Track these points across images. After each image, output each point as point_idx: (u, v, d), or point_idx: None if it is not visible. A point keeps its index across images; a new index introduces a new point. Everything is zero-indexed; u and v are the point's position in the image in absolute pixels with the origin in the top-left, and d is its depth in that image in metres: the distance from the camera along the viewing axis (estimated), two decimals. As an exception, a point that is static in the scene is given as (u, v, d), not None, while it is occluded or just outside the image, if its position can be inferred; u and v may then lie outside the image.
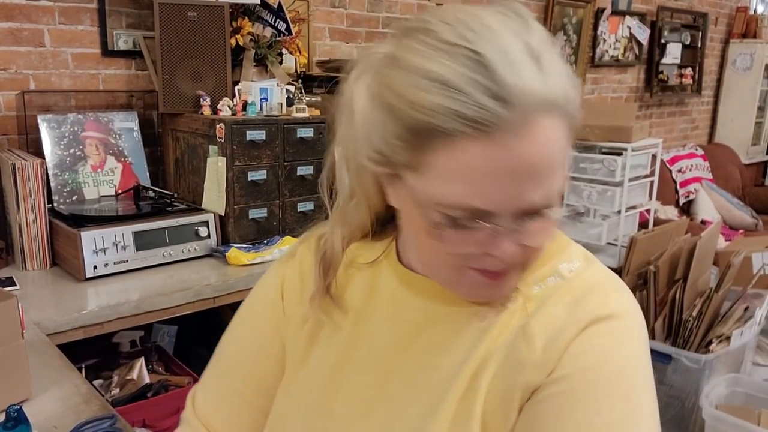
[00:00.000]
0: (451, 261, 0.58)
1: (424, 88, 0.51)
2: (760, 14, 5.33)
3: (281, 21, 2.23)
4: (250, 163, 1.95)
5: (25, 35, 1.96)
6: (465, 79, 0.50)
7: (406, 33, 0.56)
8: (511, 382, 0.59)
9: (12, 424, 0.94)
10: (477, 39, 0.51)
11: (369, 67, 0.59)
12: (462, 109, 0.50)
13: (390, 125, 0.55)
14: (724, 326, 2.40)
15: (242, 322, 0.83)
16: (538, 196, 0.53)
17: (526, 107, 0.50)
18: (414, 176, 0.55)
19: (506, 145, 0.50)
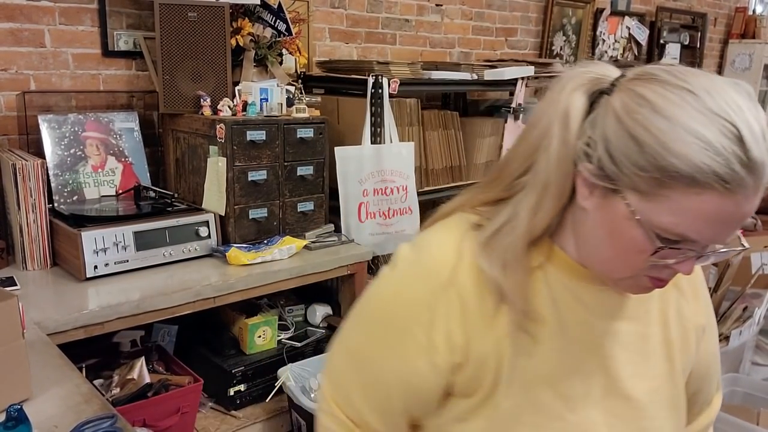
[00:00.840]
0: (636, 267, 0.71)
1: (685, 142, 0.63)
2: (759, 14, 5.33)
3: (281, 21, 2.23)
4: (251, 163, 1.96)
5: (25, 35, 1.96)
6: (726, 146, 0.62)
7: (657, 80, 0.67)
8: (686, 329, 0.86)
9: (12, 423, 0.95)
10: (732, 114, 0.63)
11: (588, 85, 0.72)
12: (718, 170, 0.62)
13: (632, 154, 0.66)
14: (723, 326, 2.40)
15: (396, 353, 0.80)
16: (730, 237, 0.68)
17: (762, 177, 0.64)
18: (641, 200, 0.67)
19: (738, 202, 0.64)
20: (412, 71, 2.48)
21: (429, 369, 0.78)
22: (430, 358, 0.77)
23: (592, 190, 0.71)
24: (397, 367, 0.79)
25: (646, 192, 0.66)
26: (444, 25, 3.18)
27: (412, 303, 0.78)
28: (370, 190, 2.30)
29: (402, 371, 0.79)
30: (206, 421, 1.93)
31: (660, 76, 0.67)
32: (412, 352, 0.78)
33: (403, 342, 0.78)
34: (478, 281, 0.76)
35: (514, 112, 2.85)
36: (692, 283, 0.89)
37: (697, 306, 0.89)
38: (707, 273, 2.64)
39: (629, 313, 0.82)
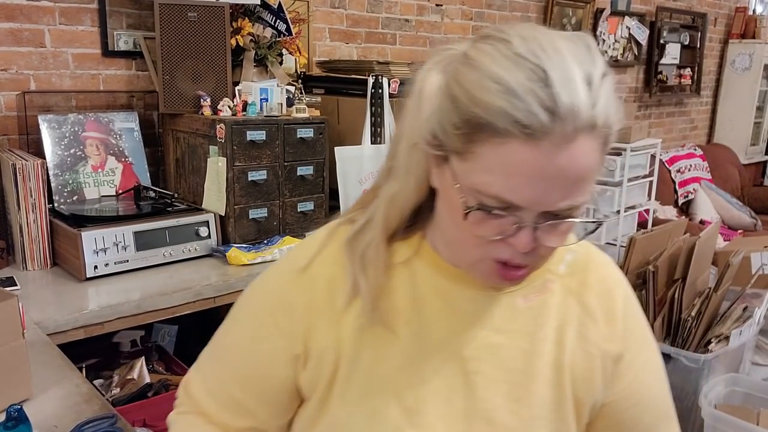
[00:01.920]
0: (475, 245, 0.64)
1: (487, 88, 0.58)
2: (759, 14, 5.33)
3: (281, 21, 2.23)
4: (251, 163, 1.96)
5: (25, 35, 1.96)
6: (525, 88, 0.56)
7: (484, 38, 0.62)
8: (589, 354, 0.74)
9: (12, 423, 0.95)
10: (545, 57, 0.57)
11: (443, 60, 0.67)
12: (517, 114, 0.56)
13: (451, 114, 0.61)
14: (723, 326, 2.40)
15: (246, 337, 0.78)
16: (563, 203, 0.60)
17: (573, 124, 0.56)
18: (460, 162, 0.61)
19: (548, 153, 0.56)
20: (412, 71, 2.49)
21: (274, 356, 0.74)
22: (275, 344, 0.74)
23: (436, 165, 0.66)
24: (249, 353, 0.76)
25: (461, 151, 0.61)
26: (444, 25, 3.18)
27: (268, 290, 0.78)
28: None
29: (253, 357, 0.76)
30: (206, 421, 1.93)
31: (486, 33, 0.62)
32: (261, 337, 0.75)
33: (256, 327, 0.76)
34: (333, 273, 0.72)
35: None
36: (606, 304, 0.76)
37: (609, 331, 0.75)
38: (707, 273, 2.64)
39: (512, 325, 0.72)
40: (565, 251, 0.76)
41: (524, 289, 0.74)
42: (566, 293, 0.76)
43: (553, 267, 0.76)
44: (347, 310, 0.71)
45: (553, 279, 0.76)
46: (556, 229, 0.63)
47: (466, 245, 0.66)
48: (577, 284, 0.76)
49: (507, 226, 0.61)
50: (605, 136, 0.59)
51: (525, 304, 0.74)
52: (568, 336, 0.74)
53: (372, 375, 0.70)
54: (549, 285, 0.75)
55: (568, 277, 0.76)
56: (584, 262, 0.78)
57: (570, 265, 0.77)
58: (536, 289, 0.75)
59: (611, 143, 0.62)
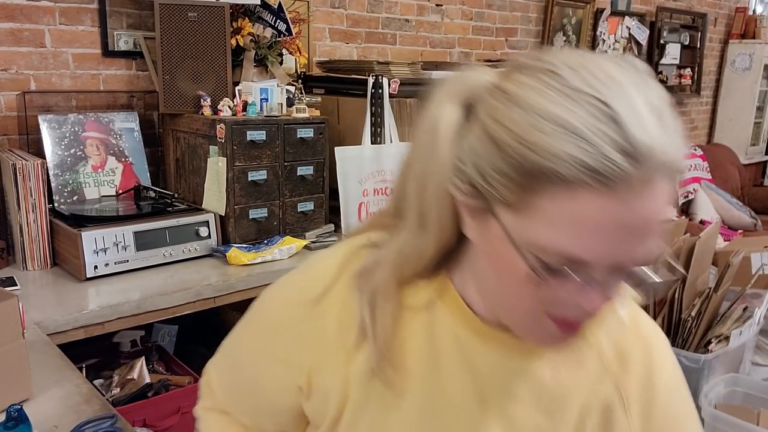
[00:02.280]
0: (531, 306, 0.56)
1: (544, 130, 0.50)
2: (759, 15, 5.33)
3: (281, 21, 2.23)
4: (251, 163, 1.96)
5: (25, 35, 1.96)
6: (594, 129, 0.48)
7: (520, 69, 0.55)
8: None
9: (12, 423, 0.95)
10: (605, 89, 0.50)
11: (460, 92, 0.58)
12: (588, 160, 0.48)
13: (495, 160, 0.53)
14: (723, 326, 2.40)
15: (255, 354, 0.75)
16: (639, 254, 0.52)
17: (652, 166, 0.49)
18: (513, 215, 0.53)
19: (625, 200, 0.49)
20: (412, 71, 2.49)
21: (278, 382, 0.71)
22: (279, 370, 0.70)
23: (474, 216, 0.58)
24: (257, 371, 0.74)
25: (514, 204, 0.52)
26: (444, 25, 3.18)
27: (279, 313, 0.73)
28: (371, 190, 2.30)
29: (260, 377, 0.74)
30: (206, 421, 1.93)
31: (523, 63, 0.55)
32: (267, 360, 0.72)
33: (263, 348, 0.73)
34: (345, 309, 0.66)
35: (514, 112, 2.86)
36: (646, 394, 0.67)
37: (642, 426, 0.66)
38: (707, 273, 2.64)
39: (532, 398, 0.65)
40: (615, 321, 0.66)
41: (555, 356, 0.66)
42: (603, 372, 0.67)
43: (594, 337, 0.66)
44: (357, 350, 0.65)
45: (591, 353, 0.67)
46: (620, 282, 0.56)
47: (520, 307, 0.58)
48: (617, 364, 0.67)
49: (574, 287, 0.53)
50: (676, 180, 0.53)
51: (552, 378, 0.65)
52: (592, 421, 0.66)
53: (375, 425, 0.65)
54: (583, 357, 0.66)
55: (610, 352, 0.67)
56: (633, 342, 0.68)
57: (616, 341, 0.68)
58: (568, 360, 0.66)
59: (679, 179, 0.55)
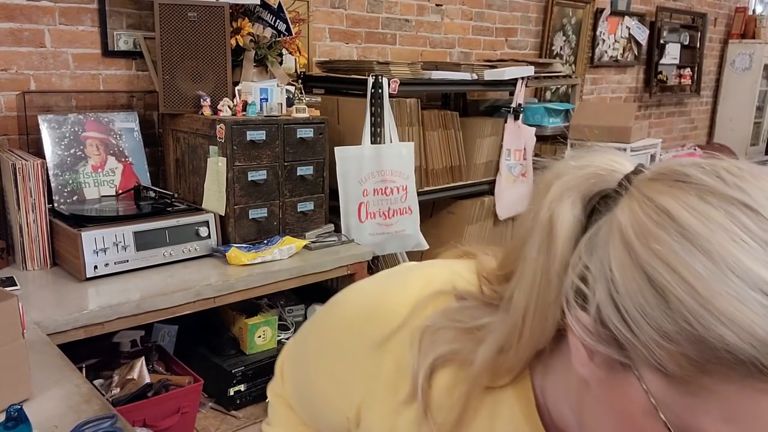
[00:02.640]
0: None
1: (744, 299, 0.37)
2: (759, 14, 5.34)
3: (281, 21, 2.23)
4: (251, 163, 1.96)
5: (25, 36, 1.96)
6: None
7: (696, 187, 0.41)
8: None
9: (12, 423, 0.95)
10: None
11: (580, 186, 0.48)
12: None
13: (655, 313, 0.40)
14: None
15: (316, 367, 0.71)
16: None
17: None
18: (669, 386, 0.41)
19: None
20: (412, 71, 2.49)
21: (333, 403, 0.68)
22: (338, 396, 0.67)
23: (594, 356, 0.46)
24: (317, 384, 0.70)
25: (677, 376, 0.40)
26: (444, 25, 3.18)
27: (350, 338, 0.66)
28: (370, 190, 2.30)
29: (319, 391, 0.70)
30: (206, 421, 1.93)
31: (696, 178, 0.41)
32: (326, 377, 0.69)
33: (328, 363, 0.68)
34: (404, 356, 0.59)
35: (514, 112, 2.86)
36: None
37: None
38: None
39: None
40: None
41: None
42: None
43: None
44: (409, 405, 0.59)
45: None
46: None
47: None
48: None
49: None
50: None
51: None
52: None
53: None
54: None
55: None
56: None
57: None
58: None
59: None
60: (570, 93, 3.73)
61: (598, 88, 4.25)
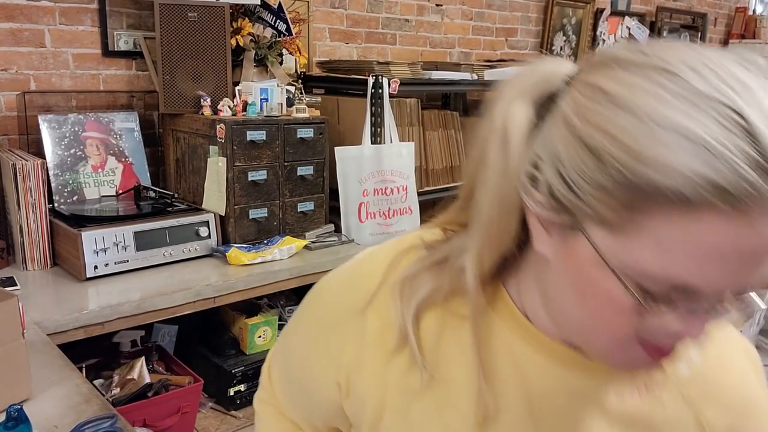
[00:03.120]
0: (621, 333, 0.49)
1: (667, 144, 0.42)
2: (759, 14, 5.33)
3: (281, 21, 2.23)
4: (251, 163, 1.96)
5: (25, 36, 1.96)
6: (725, 142, 0.41)
7: (623, 65, 0.47)
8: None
9: (12, 423, 0.95)
10: (734, 95, 0.42)
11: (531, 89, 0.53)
12: (718, 178, 0.41)
13: (592, 171, 0.45)
14: (724, 326, 2.40)
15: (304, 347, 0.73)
16: (756, 281, 0.46)
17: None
18: (610, 235, 0.46)
19: (754, 224, 0.42)
20: (412, 71, 2.49)
21: (323, 376, 0.69)
22: (324, 364, 0.69)
23: (549, 230, 0.51)
24: (305, 364, 0.72)
25: (615, 223, 0.45)
26: (444, 25, 3.18)
27: (331, 312, 0.69)
28: (371, 190, 2.30)
29: (307, 371, 0.72)
30: (206, 421, 1.93)
31: (624, 58, 0.47)
32: (315, 354, 0.70)
33: (312, 341, 0.71)
34: (387, 311, 0.62)
35: (514, 112, 2.86)
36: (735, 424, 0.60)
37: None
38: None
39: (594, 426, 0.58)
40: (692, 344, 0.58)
41: (621, 381, 0.59)
42: (681, 406, 0.59)
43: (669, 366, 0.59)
44: (397, 353, 0.62)
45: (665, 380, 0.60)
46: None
47: (606, 333, 0.50)
48: (699, 394, 0.60)
49: (675, 314, 0.47)
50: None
51: (617, 402, 0.58)
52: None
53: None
54: (655, 386, 0.59)
55: (690, 383, 0.60)
56: (715, 364, 0.61)
57: (696, 367, 0.60)
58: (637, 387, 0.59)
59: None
60: (570, 93, 3.73)
61: (598, 88, 4.24)
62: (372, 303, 0.64)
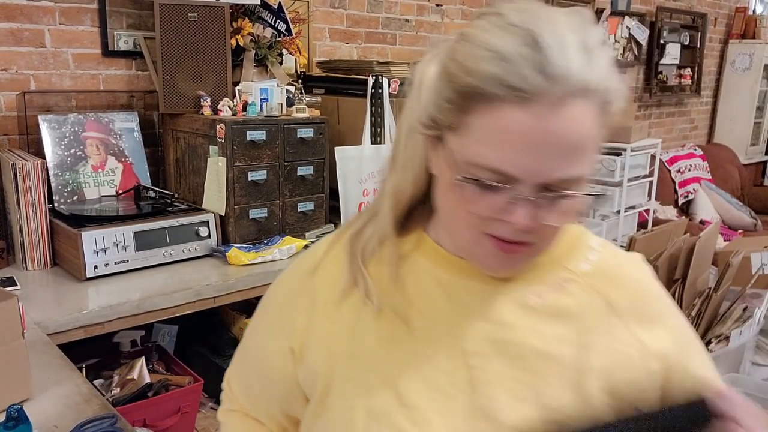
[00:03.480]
0: (471, 223, 0.62)
1: (479, 57, 0.57)
2: (759, 14, 5.33)
3: (281, 21, 2.23)
4: (251, 163, 1.96)
5: (25, 36, 1.96)
6: (516, 52, 0.55)
7: (479, 15, 0.62)
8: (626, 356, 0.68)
9: (13, 423, 0.95)
10: (540, 25, 0.56)
11: (441, 51, 0.65)
12: (507, 77, 0.55)
13: (444, 90, 0.60)
14: (723, 326, 2.40)
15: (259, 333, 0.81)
16: (560, 174, 0.57)
17: (566, 86, 0.55)
18: (454, 137, 0.60)
19: (540, 117, 0.55)
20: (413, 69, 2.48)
21: (277, 350, 0.74)
22: (279, 338, 0.75)
23: (433, 148, 0.64)
24: (261, 348, 0.78)
25: (456, 126, 0.59)
26: (444, 25, 3.18)
27: (280, 290, 0.79)
28: (371, 190, 2.30)
29: (264, 353, 0.78)
30: (206, 421, 1.93)
31: (482, 12, 0.62)
32: (270, 333, 0.77)
33: (267, 324, 0.79)
34: (336, 271, 0.72)
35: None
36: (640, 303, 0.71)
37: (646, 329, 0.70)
38: (707, 273, 2.64)
39: (522, 322, 0.68)
40: (588, 251, 0.73)
41: (537, 285, 0.69)
42: (590, 292, 0.70)
43: (573, 265, 0.71)
44: (344, 305, 0.70)
45: (572, 278, 0.70)
46: (557, 205, 0.60)
47: (463, 225, 0.63)
48: (602, 282, 0.71)
49: (503, 201, 0.59)
50: (602, 103, 0.58)
51: (539, 301, 0.69)
52: (597, 340, 0.68)
53: (371, 370, 0.68)
54: (566, 284, 0.70)
55: (593, 276, 0.71)
56: (611, 262, 0.73)
57: (594, 264, 0.72)
58: (551, 286, 0.70)
59: (611, 114, 0.60)
60: (570, 93, 3.72)
61: (598, 88, 4.24)
62: (320, 268, 0.73)
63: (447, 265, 0.70)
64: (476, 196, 0.59)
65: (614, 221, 3.16)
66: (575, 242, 0.73)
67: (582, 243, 0.74)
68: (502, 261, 0.64)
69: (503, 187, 0.58)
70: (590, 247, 0.73)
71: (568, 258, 0.71)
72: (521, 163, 0.56)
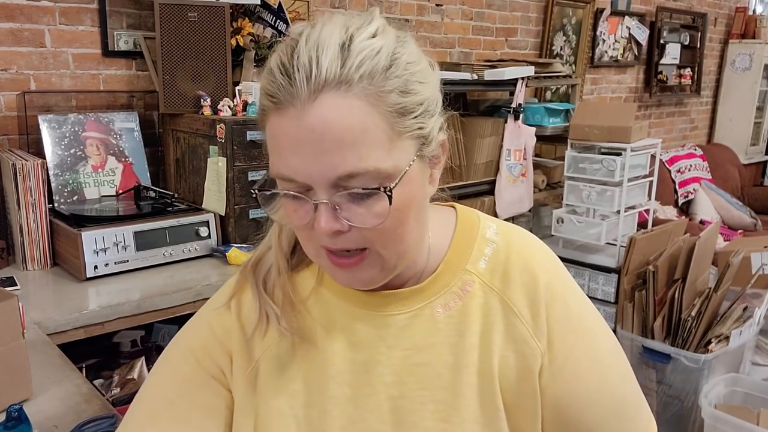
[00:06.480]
0: (304, 237, 0.63)
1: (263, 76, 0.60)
2: (759, 14, 5.34)
3: (281, 21, 2.23)
4: (251, 163, 1.96)
5: (25, 35, 1.96)
6: (276, 63, 0.58)
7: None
8: (522, 356, 0.66)
9: (13, 423, 0.95)
10: (305, 32, 0.58)
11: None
12: (268, 87, 0.58)
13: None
14: (723, 326, 2.40)
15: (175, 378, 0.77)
16: (341, 169, 0.56)
17: (312, 83, 0.55)
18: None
19: (295, 116, 0.56)
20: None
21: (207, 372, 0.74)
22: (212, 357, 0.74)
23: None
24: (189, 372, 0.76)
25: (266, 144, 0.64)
26: (444, 25, 3.18)
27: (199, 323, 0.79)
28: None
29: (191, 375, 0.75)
30: (206, 421, 1.93)
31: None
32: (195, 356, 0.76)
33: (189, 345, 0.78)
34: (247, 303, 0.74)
35: (514, 112, 2.86)
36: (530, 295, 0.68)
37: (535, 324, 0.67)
38: (707, 273, 2.64)
39: (434, 339, 0.68)
40: (485, 245, 0.71)
41: (443, 296, 0.69)
42: (487, 292, 0.69)
43: (472, 266, 0.70)
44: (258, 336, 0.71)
45: (473, 280, 0.69)
46: (361, 205, 0.58)
47: (303, 241, 0.64)
48: (498, 280, 0.69)
49: (306, 211, 0.60)
50: (370, 95, 0.56)
51: (445, 312, 0.68)
52: (495, 340, 0.67)
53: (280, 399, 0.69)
54: (469, 287, 0.69)
55: (489, 273, 0.69)
56: (504, 253, 0.70)
57: (490, 259, 0.70)
58: (456, 294, 0.69)
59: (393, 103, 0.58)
60: (570, 93, 3.73)
61: (598, 88, 4.25)
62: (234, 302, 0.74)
63: (352, 299, 0.70)
64: (290, 208, 0.61)
65: (614, 221, 3.16)
66: (470, 239, 0.71)
67: (479, 237, 0.71)
68: (346, 273, 0.63)
69: (301, 195, 0.59)
70: (487, 240, 0.71)
71: (467, 259, 0.70)
72: (295, 165, 0.57)
